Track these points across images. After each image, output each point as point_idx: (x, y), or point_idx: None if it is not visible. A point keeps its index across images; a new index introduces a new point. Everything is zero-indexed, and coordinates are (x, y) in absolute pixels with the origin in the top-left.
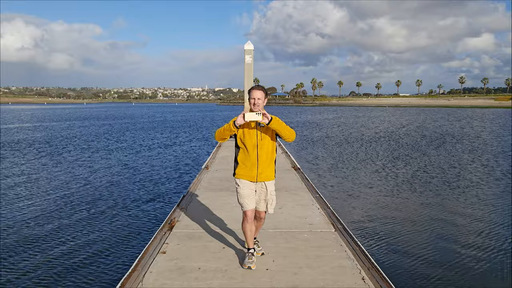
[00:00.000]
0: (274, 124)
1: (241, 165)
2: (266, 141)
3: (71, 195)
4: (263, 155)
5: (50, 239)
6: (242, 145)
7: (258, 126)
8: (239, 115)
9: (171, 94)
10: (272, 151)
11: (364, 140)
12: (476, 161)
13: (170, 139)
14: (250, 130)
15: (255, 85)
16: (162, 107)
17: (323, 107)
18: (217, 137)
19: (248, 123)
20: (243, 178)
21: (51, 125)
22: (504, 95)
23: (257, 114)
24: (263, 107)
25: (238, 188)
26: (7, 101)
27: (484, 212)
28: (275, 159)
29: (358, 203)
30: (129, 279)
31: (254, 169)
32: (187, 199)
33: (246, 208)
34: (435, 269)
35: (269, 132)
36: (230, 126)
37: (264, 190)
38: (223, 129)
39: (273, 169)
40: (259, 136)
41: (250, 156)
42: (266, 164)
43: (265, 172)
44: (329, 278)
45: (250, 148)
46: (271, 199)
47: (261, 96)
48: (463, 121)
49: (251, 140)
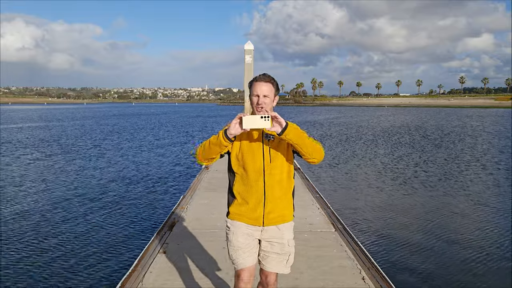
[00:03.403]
0: (291, 135)
1: (239, 200)
2: (278, 163)
3: (71, 195)
4: (274, 185)
5: (50, 239)
6: (240, 169)
7: (265, 138)
8: (234, 120)
9: (171, 94)
10: (288, 177)
11: (364, 139)
12: (476, 161)
13: (170, 139)
14: (252, 145)
15: (260, 74)
16: (161, 107)
17: (324, 107)
18: (200, 158)
19: (249, 133)
20: (241, 220)
21: (51, 124)
22: (504, 95)
23: (264, 119)
24: (273, 108)
25: (228, 233)
26: (7, 101)
27: (484, 212)
28: (293, 190)
29: (358, 203)
30: (129, 279)
31: (259, 207)
32: (187, 199)
33: (240, 266)
34: (435, 269)
35: (283, 147)
36: (220, 139)
37: (275, 239)
38: (209, 144)
39: (290, 205)
40: (267, 155)
41: (253, 187)
42: (279, 199)
43: (277, 210)
44: (329, 278)
45: (253, 175)
46: (287, 253)
47: (269, 91)
48: (463, 121)
49: (254, 162)
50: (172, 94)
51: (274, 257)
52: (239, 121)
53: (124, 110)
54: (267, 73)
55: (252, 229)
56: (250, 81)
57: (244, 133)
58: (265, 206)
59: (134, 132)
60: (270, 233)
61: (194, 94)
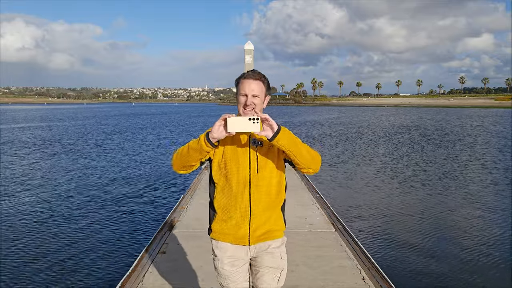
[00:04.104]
0: (284, 140)
1: (220, 215)
2: (267, 173)
3: (71, 194)
4: (261, 199)
5: (50, 239)
6: (222, 179)
7: (252, 144)
8: (217, 122)
9: (171, 94)
10: (278, 190)
11: (364, 139)
12: (476, 161)
13: (171, 139)
14: (237, 152)
15: (249, 70)
16: (161, 107)
17: (324, 107)
18: (175, 164)
19: (235, 138)
20: (225, 239)
21: (52, 124)
22: (504, 95)
23: (252, 121)
24: (263, 109)
25: (214, 259)
26: (7, 101)
27: (484, 212)
28: (283, 203)
29: (358, 203)
30: (129, 279)
31: (244, 223)
32: (187, 199)
33: None
34: (436, 269)
35: (273, 155)
36: (201, 143)
37: (265, 256)
38: (187, 149)
39: (280, 221)
40: (254, 164)
41: (236, 200)
42: (267, 214)
43: (264, 227)
44: (329, 278)
45: (237, 186)
46: (279, 267)
47: (259, 90)
48: (463, 121)
49: (239, 172)
50: (172, 94)
51: (265, 272)
52: (224, 123)
53: (125, 110)
54: (257, 70)
55: (239, 251)
56: (238, 78)
57: (229, 138)
58: (251, 222)
59: (134, 132)
60: (258, 248)
61: (194, 94)
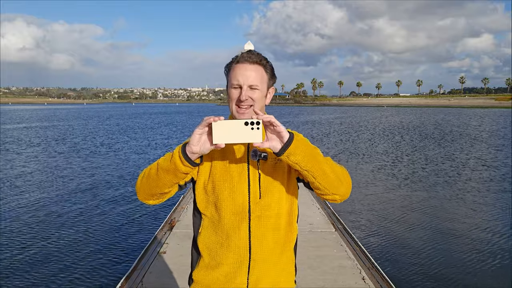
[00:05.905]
0: (298, 155)
1: (206, 260)
2: (273, 199)
3: (71, 194)
4: (266, 236)
5: (50, 239)
6: (210, 208)
7: (252, 158)
8: (197, 129)
9: (171, 94)
10: (290, 222)
11: (364, 139)
12: (476, 161)
13: (171, 139)
14: (230, 170)
15: (243, 51)
16: (161, 107)
17: (324, 107)
18: (140, 192)
19: (227, 148)
20: None
21: (53, 124)
22: (504, 95)
23: (250, 126)
24: (265, 107)
25: None
26: (7, 102)
27: (485, 212)
28: (295, 241)
29: (358, 203)
30: (129, 279)
31: (240, 272)
32: (187, 199)
33: None
34: (436, 269)
35: (281, 172)
36: (175, 160)
37: None
38: (156, 171)
39: (291, 268)
40: (254, 186)
41: (230, 238)
42: (273, 259)
43: (269, 277)
44: (329, 278)
45: (231, 218)
46: None
47: (259, 79)
48: (463, 121)
49: (233, 198)
50: (172, 94)
51: None
52: (208, 131)
53: (125, 110)
54: (256, 51)
55: None
56: (228, 63)
57: (218, 152)
58: (250, 270)
59: (135, 132)
60: None
61: (194, 94)
